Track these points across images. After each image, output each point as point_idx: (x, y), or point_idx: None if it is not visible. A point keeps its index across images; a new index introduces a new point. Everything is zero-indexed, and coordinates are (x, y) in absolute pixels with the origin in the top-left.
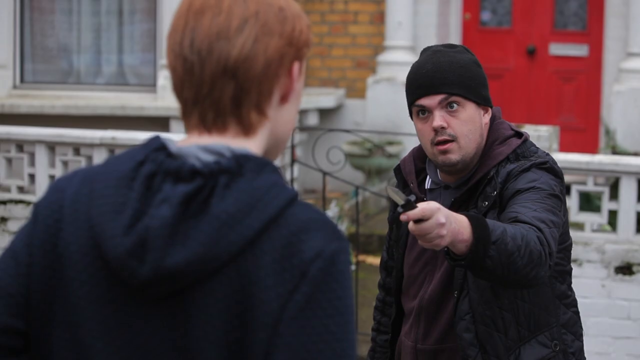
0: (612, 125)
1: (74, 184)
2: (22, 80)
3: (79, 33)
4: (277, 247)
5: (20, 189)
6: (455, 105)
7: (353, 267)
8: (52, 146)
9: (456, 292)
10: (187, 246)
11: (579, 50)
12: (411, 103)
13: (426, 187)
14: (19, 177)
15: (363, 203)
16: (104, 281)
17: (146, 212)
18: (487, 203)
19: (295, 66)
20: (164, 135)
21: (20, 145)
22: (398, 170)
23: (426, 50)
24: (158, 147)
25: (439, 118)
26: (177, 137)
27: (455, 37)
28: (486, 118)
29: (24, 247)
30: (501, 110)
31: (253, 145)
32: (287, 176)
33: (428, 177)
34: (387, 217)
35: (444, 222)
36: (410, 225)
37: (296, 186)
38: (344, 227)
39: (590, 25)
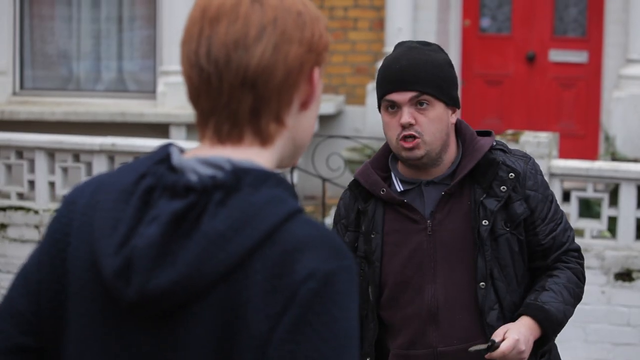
0: (611, 132)
1: (85, 195)
2: (21, 86)
3: (79, 40)
4: (269, 266)
5: (20, 196)
6: (425, 103)
7: None
8: (51, 153)
9: (482, 283)
10: (174, 267)
11: (579, 56)
12: (381, 97)
13: (398, 190)
14: (18, 184)
15: None
16: (101, 298)
17: (138, 230)
18: (505, 188)
19: (316, 72)
20: (176, 143)
21: (19, 151)
22: (356, 184)
23: (401, 45)
24: (161, 159)
25: (407, 115)
26: (190, 145)
27: (454, 43)
28: (453, 118)
29: (35, 265)
30: (500, 117)
31: (268, 155)
32: None
33: (396, 181)
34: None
35: (524, 349)
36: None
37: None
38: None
39: (589, 31)
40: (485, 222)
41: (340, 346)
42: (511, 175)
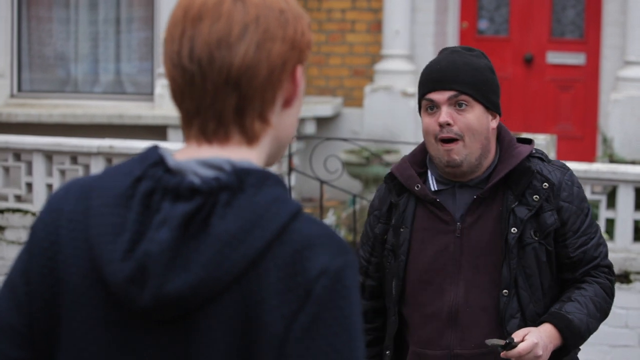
0: (609, 134)
1: (69, 201)
2: (19, 89)
3: (77, 42)
4: (280, 266)
5: (18, 198)
6: (463, 104)
7: None
8: (49, 155)
9: (505, 290)
10: (189, 270)
11: (576, 58)
12: (421, 97)
13: (432, 189)
14: (16, 186)
15: (360, 212)
16: (104, 304)
17: (145, 234)
18: (538, 197)
19: (298, 69)
20: (162, 145)
21: (17, 154)
22: (391, 178)
23: (444, 50)
24: (156, 162)
25: (445, 114)
26: (175, 147)
27: (452, 46)
28: (494, 123)
29: (21, 276)
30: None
31: (256, 154)
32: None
33: (431, 179)
34: (372, 227)
35: (541, 354)
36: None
37: (294, 195)
38: (341, 235)
39: (587, 33)
40: (514, 230)
41: (351, 340)
42: (545, 185)
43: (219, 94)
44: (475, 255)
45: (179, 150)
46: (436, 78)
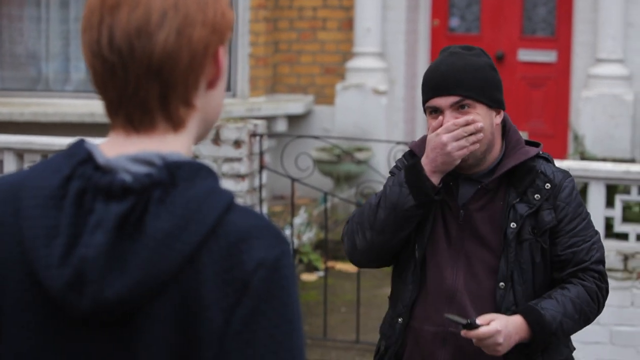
0: (580, 131)
1: None
2: None
3: (48, 40)
4: (217, 260)
5: None
6: (466, 107)
7: (322, 274)
8: (20, 153)
9: (502, 283)
10: (126, 273)
11: (548, 56)
12: (425, 102)
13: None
14: None
15: (332, 209)
16: (43, 309)
17: (80, 237)
18: (539, 196)
19: (220, 51)
20: (89, 140)
21: None
22: (411, 154)
23: (444, 51)
24: (84, 159)
25: (449, 118)
26: (102, 141)
27: (424, 43)
28: (497, 119)
29: None
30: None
31: (184, 140)
32: (256, 183)
33: None
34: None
35: (501, 342)
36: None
37: (265, 193)
38: (312, 233)
39: (558, 31)
40: (513, 225)
41: (291, 330)
42: (547, 186)
43: (141, 83)
44: (475, 245)
45: (106, 142)
46: (438, 84)
